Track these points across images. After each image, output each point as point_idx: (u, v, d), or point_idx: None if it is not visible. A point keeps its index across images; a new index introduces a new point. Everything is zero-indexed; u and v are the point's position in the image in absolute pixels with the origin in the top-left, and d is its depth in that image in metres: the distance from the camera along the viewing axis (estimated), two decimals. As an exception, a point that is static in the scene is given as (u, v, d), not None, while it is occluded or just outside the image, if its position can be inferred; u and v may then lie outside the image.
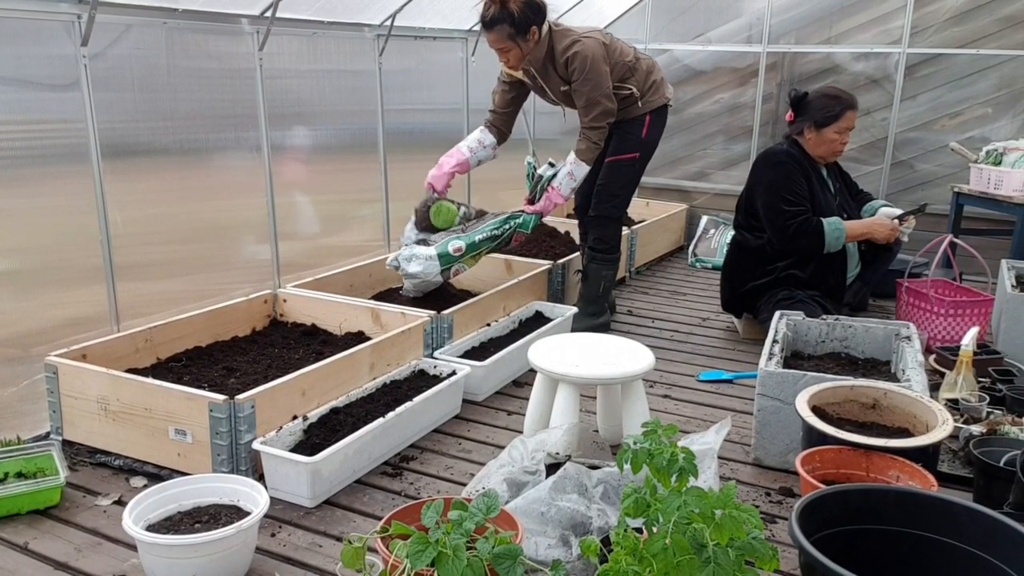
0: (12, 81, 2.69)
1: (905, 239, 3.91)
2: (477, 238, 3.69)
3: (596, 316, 4.01)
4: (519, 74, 3.71)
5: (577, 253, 4.39)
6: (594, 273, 3.99)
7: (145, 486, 2.46)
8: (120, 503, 2.42)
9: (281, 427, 2.56)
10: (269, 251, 3.75)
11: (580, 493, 2.09)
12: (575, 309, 3.93)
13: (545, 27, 3.57)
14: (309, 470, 2.39)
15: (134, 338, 2.99)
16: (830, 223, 3.66)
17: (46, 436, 2.76)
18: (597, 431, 2.86)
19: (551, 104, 3.92)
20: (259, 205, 3.69)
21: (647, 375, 2.70)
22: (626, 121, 3.80)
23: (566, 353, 2.73)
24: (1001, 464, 2.33)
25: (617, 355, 2.73)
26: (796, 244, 3.70)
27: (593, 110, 3.62)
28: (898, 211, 3.89)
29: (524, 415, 2.88)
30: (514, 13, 3.44)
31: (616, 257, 4.03)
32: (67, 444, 2.72)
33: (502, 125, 3.91)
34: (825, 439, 2.26)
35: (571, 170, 3.71)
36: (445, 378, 3.07)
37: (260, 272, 3.72)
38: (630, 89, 3.75)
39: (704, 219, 5.79)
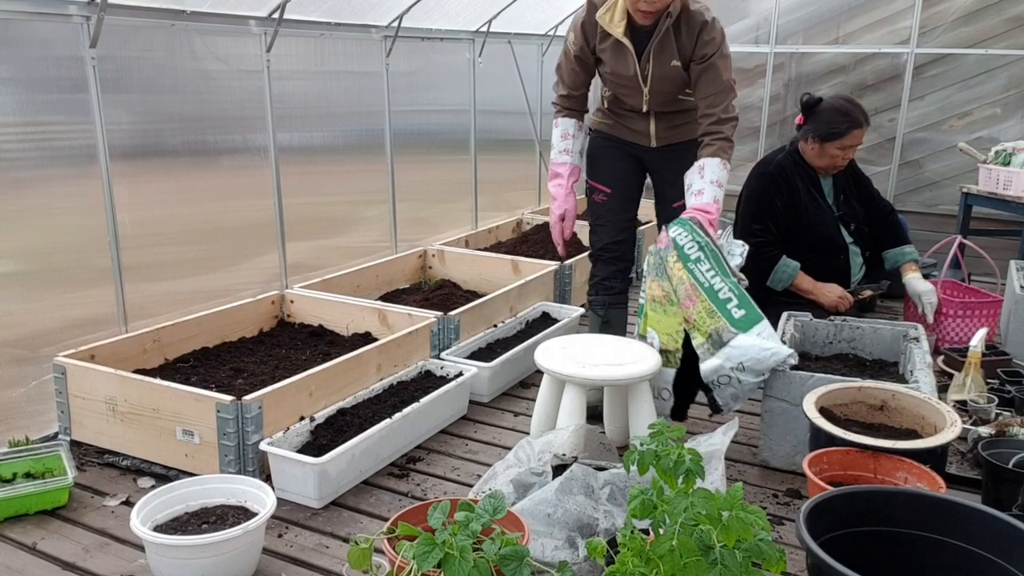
0: (21, 82, 2.70)
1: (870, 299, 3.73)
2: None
3: None
4: (619, 30, 2.87)
5: (584, 254, 4.34)
6: None
7: (153, 487, 2.46)
8: (128, 503, 2.43)
9: (288, 428, 2.57)
10: (276, 252, 3.76)
11: (587, 494, 2.09)
12: (581, 310, 3.92)
13: None
14: (316, 471, 2.39)
15: (142, 339, 3.00)
16: (785, 264, 3.56)
17: (54, 436, 2.77)
18: (604, 432, 2.86)
19: (624, 86, 3.04)
20: (266, 206, 3.70)
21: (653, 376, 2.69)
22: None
23: (573, 354, 2.72)
24: (1010, 466, 2.32)
25: (623, 356, 2.72)
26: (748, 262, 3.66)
27: (728, 95, 2.91)
28: (928, 287, 3.66)
29: (531, 416, 2.87)
30: None
31: None
32: (75, 444, 2.73)
33: (579, 107, 3.22)
34: (833, 440, 2.25)
35: (717, 177, 2.89)
36: (452, 379, 3.06)
37: (267, 273, 3.72)
38: None
39: (711, 220, 5.77)
